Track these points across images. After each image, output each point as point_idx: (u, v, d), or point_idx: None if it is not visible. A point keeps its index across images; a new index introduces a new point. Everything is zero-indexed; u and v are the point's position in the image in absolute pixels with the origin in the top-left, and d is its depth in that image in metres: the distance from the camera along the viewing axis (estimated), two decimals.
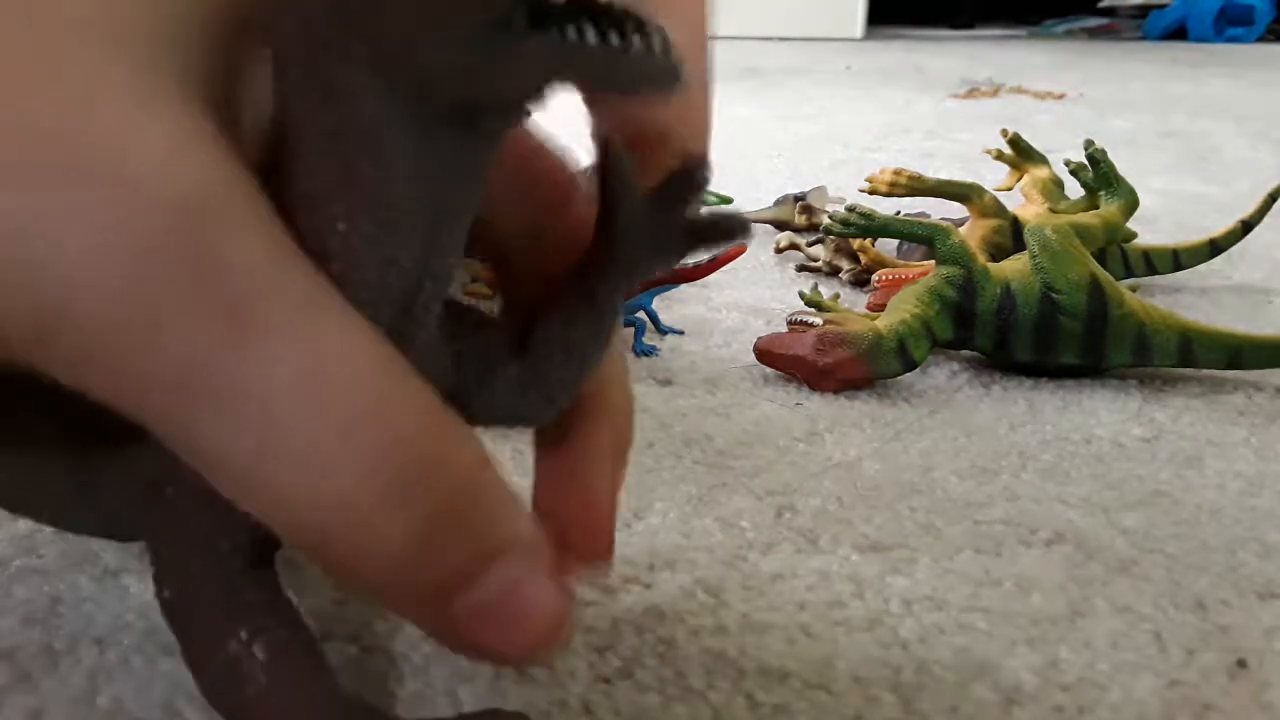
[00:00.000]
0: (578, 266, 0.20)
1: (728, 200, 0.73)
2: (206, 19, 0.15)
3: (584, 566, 0.21)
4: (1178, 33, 2.84)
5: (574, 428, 0.22)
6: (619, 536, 0.30)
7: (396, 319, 0.17)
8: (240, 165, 0.15)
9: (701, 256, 0.47)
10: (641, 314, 0.48)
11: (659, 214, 0.20)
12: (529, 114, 0.16)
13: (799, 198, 0.68)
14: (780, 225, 0.67)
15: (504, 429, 0.22)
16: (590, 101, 0.18)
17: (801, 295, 0.49)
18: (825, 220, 0.49)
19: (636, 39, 0.14)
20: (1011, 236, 0.55)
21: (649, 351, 0.46)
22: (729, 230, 0.20)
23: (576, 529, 0.21)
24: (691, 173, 0.19)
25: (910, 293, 0.45)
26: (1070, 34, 3.15)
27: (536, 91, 0.15)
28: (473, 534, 0.16)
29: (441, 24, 0.13)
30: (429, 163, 0.16)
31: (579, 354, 0.21)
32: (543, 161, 0.21)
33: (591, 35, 0.14)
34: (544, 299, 0.21)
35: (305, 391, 0.14)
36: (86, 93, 0.14)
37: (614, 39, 0.14)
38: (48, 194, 0.13)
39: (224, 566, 0.18)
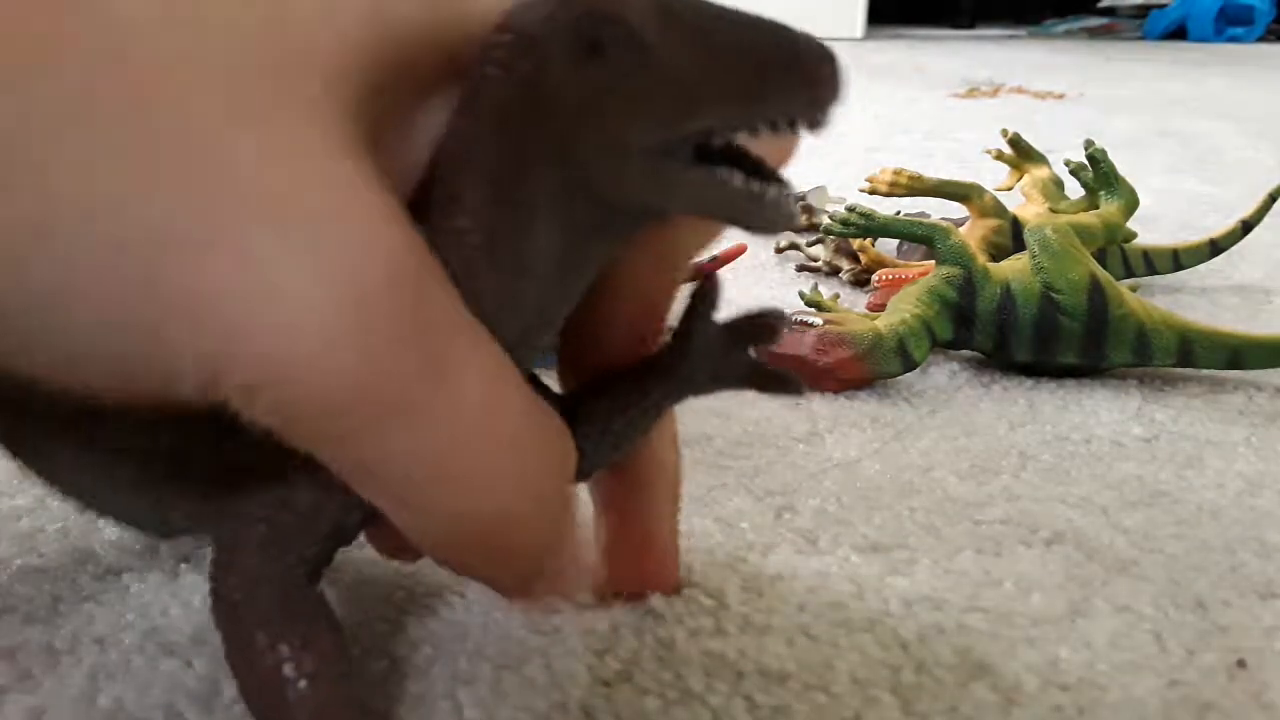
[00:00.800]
0: (640, 365, 0.22)
1: None
2: (371, 71, 0.16)
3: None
4: (1178, 33, 2.84)
5: (634, 485, 0.25)
6: None
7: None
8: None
9: (702, 257, 0.47)
10: None
11: (730, 345, 0.23)
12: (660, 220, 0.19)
13: (799, 198, 0.68)
14: None
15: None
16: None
17: (801, 295, 0.49)
18: (825, 220, 0.49)
19: (773, 187, 0.16)
20: (1011, 236, 0.55)
21: None
22: (787, 384, 0.23)
23: (649, 566, 0.26)
24: (769, 321, 0.22)
25: (910, 293, 0.45)
26: (1070, 34, 3.15)
27: (671, 211, 0.17)
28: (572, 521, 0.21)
29: (624, 141, 0.16)
30: (557, 257, 0.18)
31: (613, 440, 0.23)
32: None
33: (739, 179, 0.16)
34: (599, 383, 0.23)
35: (485, 418, 0.17)
36: (296, 155, 0.15)
37: (756, 185, 0.16)
38: (272, 247, 0.15)
39: (286, 575, 0.19)
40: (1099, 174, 0.56)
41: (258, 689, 0.18)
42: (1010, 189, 0.63)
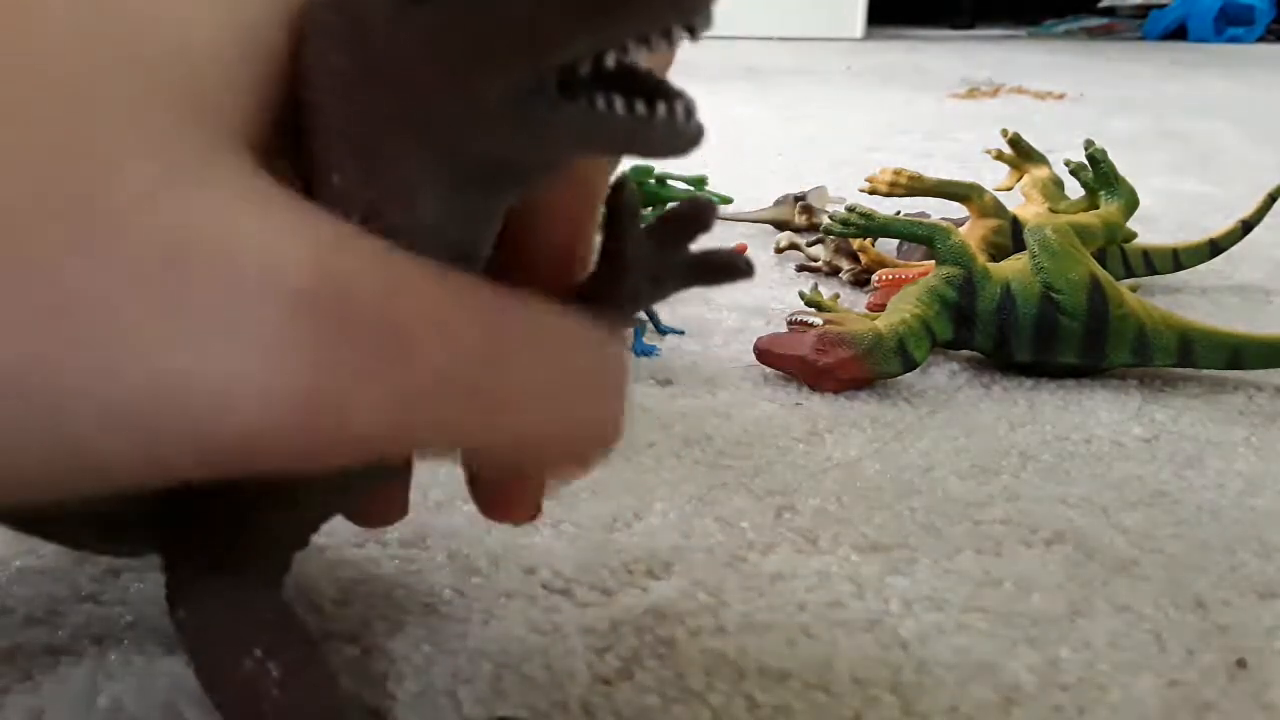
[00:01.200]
0: (580, 293, 0.21)
1: (728, 200, 0.73)
2: (256, 76, 0.15)
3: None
4: (1178, 33, 2.84)
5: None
6: (618, 537, 0.30)
7: None
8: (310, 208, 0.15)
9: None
10: (641, 314, 0.47)
11: (663, 249, 0.21)
12: (553, 174, 0.17)
13: (799, 198, 0.68)
14: (780, 225, 0.67)
15: None
16: None
17: (801, 295, 0.49)
18: (825, 220, 0.49)
19: (661, 106, 0.14)
20: (1011, 236, 0.55)
21: (649, 351, 0.46)
22: (729, 267, 0.21)
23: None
24: (696, 212, 0.20)
25: (910, 293, 0.45)
26: (1070, 34, 3.15)
27: (564, 157, 0.16)
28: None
29: (476, 92, 0.14)
30: (455, 214, 0.16)
31: None
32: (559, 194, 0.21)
33: (620, 105, 0.14)
34: None
35: (490, 349, 0.16)
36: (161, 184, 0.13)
37: (640, 108, 0.14)
38: (186, 317, 0.13)
39: (239, 586, 0.18)
40: (1099, 174, 0.56)
41: (232, 706, 0.18)
42: (1010, 189, 0.63)
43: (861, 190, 0.58)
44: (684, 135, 0.15)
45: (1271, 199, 0.57)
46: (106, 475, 0.14)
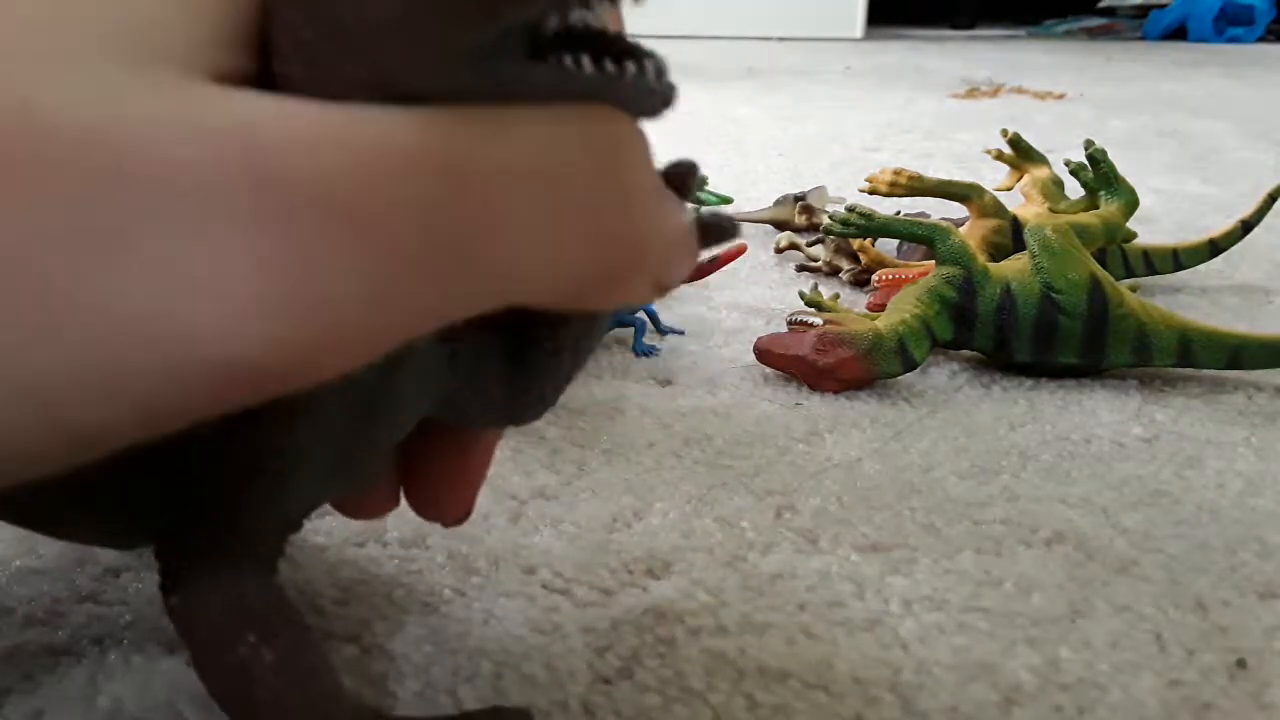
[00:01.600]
0: None
1: (728, 200, 0.73)
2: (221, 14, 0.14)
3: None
4: (1178, 33, 2.85)
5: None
6: (618, 537, 0.30)
7: None
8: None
9: (702, 257, 0.47)
10: (641, 314, 0.48)
11: None
12: None
13: (799, 198, 0.68)
14: (780, 225, 0.67)
15: (499, 427, 0.23)
16: None
17: (801, 295, 0.49)
18: (825, 220, 0.49)
19: (630, 65, 0.14)
20: (1011, 236, 0.55)
21: (649, 351, 0.46)
22: (719, 231, 0.20)
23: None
24: (681, 175, 0.19)
25: (910, 293, 0.45)
26: (1070, 34, 3.15)
27: None
28: None
29: (437, 50, 0.13)
30: None
31: (569, 354, 0.21)
32: None
33: (588, 64, 0.14)
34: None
35: (526, 188, 0.14)
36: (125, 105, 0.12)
37: (609, 67, 0.14)
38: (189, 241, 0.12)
39: (233, 574, 0.18)
40: (1099, 174, 0.56)
41: (226, 693, 0.18)
42: (1010, 189, 0.63)
43: (861, 190, 0.58)
44: (655, 94, 0.14)
45: (1271, 199, 0.57)
46: (107, 431, 0.13)
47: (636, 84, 0.14)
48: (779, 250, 0.63)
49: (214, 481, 0.18)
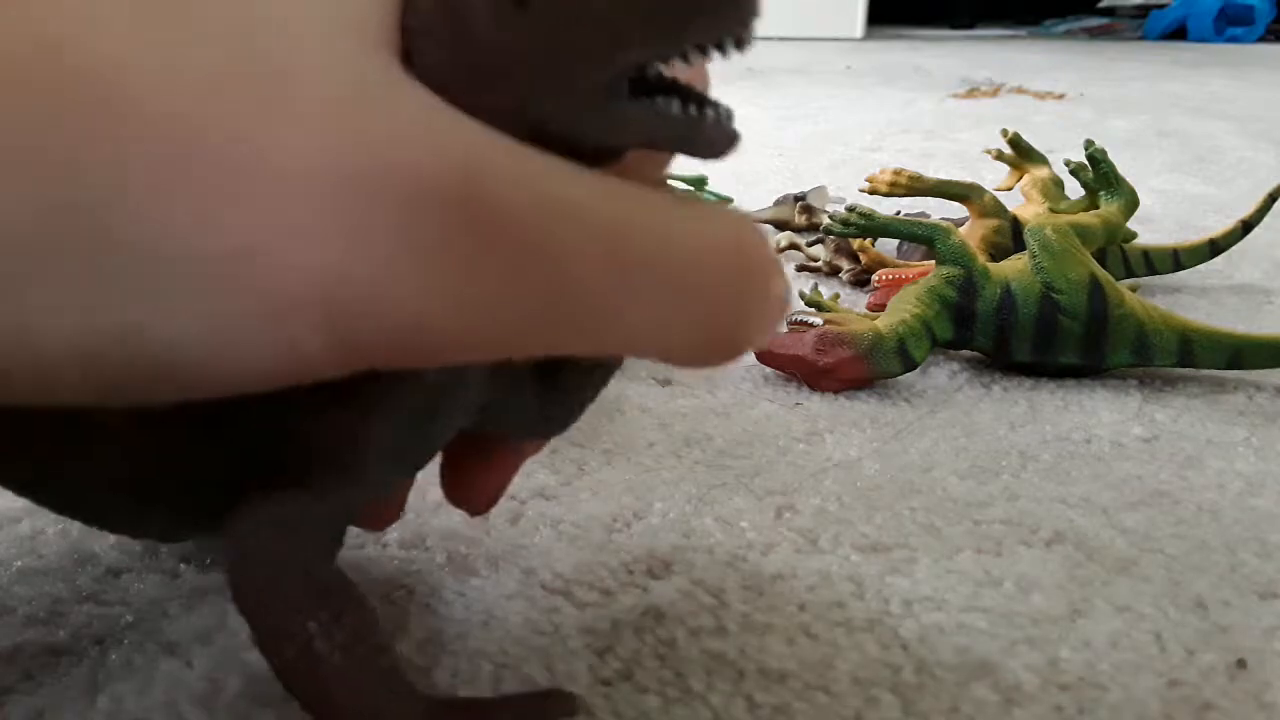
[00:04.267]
0: None
1: (728, 200, 0.73)
2: None
3: None
4: (1178, 33, 2.85)
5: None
6: (618, 537, 0.30)
7: None
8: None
9: None
10: None
11: None
12: (611, 165, 0.18)
13: (799, 198, 0.68)
14: (780, 225, 0.67)
15: (529, 439, 0.25)
16: None
17: (801, 295, 0.49)
18: (825, 220, 0.49)
19: (710, 110, 0.16)
20: (1011, 236, 0.55)
21: None
22: None
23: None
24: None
25: (910, 293, 0.45)
26: (1070, 34, 3.15)
27: (624, 148, 0.17)
28: None
29: (567, 87, 0.16)
30: None
31: (602, 370, 0.23)
32: None
33: (677, 106, 0.16)
34: None
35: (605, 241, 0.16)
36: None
37: (693, 110, 0.16)
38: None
39: (306, 559, 0.19)
40: (1099, 174, 0.56)
41: (293, 671, 0.18)
42: (1010, 189, 0.63)
43: (861, 190, 0.58)
44: (727, 135, 0.16)
45: (1271, 199, 0.57)
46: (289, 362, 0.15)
47: (715, 127, 0.16)
48: (779, 250, 0.63)
49: (284, 468, 0.19)
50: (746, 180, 0.86)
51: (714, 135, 0.16)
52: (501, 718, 0.21)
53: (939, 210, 0.65)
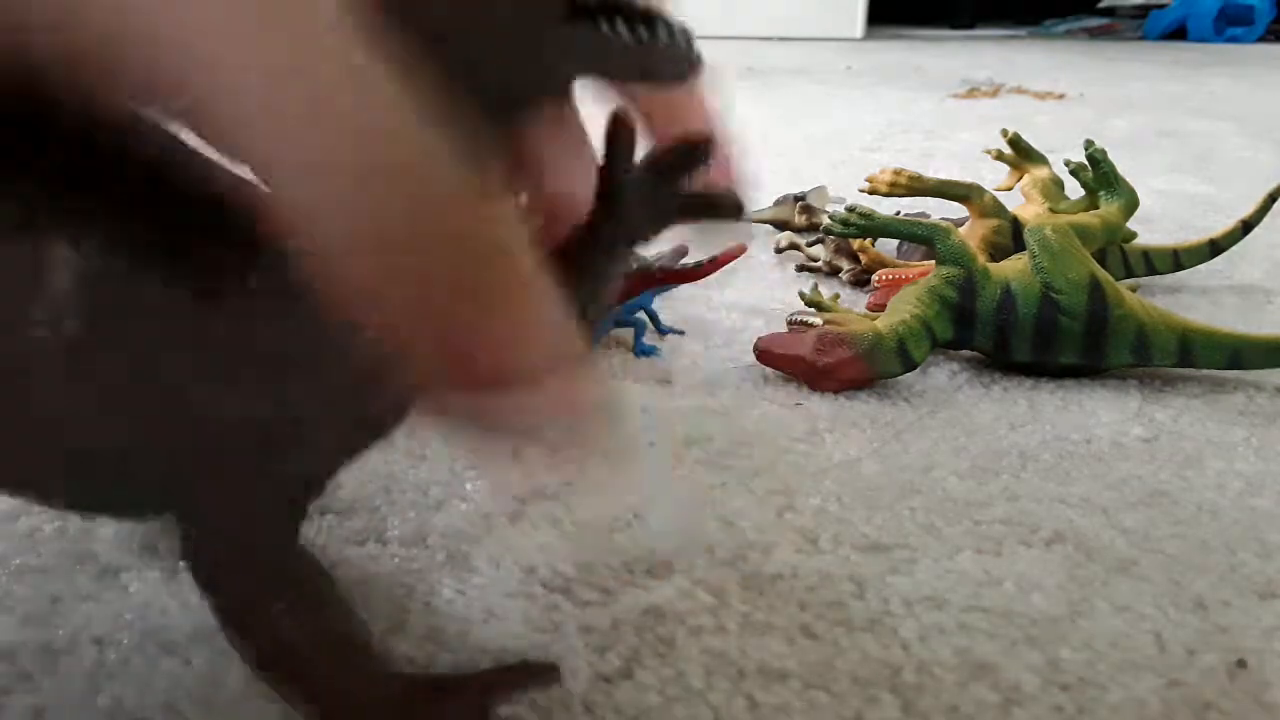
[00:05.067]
0: (577, 232, 0.21)
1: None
2: None
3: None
4: (1178, 33, 2.85)
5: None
6: (618, 537, 0.30)
7: None
8: None
9: (701, 257, 0.47)
10: (641, 314, 0.47)
11: (656, 182, 0.20)
12: (555, 100, 0.17)
13: (799, 198, 0.68)
14: (780, 225, 0.67)
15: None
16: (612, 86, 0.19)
17: (801, 295, 0.49)
18: (825, 220, 0.49)
19: (662, 31, 0.15)
20: (1011, 236, 0.55)
21: (649, 351, 0.46)
22: (723, 205, 0.21)
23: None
24: (692, 146, 0.20)
25: (910, 293, 0.45)
26: (1070, 34, 3.15)
27: (569, 81, 0.16)
28: None
29: (494, 17, 0.14)
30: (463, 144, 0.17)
31: (577, 314, 0.21)
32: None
33: (623, 28, 0.15)
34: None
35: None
36: None
37: (642, 31, 0.15)
38: None
39: (266, 538, 0.18)
40: (1099, 174, 0.56)
41: (265, 657, 0.18)
42: (1010, 189, 0.63)
43: (861, 190, 0.58)
44: (685, 59, 0.15)
45: (1271, 199, 0.57)
46: None
47: (668, 48, 0.15)
48: (779, 250, 0.63)
49: (235, 449, 0.18)
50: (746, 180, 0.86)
51: (667, 58, 0.15)
52: (480, 690, 0.21)
53: (939, 210, 0.65)
